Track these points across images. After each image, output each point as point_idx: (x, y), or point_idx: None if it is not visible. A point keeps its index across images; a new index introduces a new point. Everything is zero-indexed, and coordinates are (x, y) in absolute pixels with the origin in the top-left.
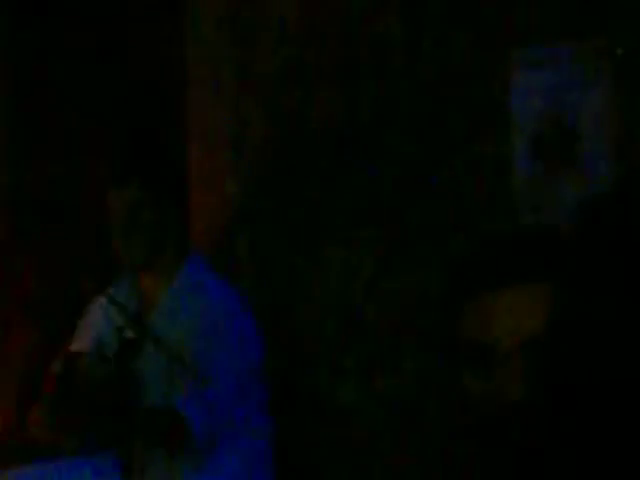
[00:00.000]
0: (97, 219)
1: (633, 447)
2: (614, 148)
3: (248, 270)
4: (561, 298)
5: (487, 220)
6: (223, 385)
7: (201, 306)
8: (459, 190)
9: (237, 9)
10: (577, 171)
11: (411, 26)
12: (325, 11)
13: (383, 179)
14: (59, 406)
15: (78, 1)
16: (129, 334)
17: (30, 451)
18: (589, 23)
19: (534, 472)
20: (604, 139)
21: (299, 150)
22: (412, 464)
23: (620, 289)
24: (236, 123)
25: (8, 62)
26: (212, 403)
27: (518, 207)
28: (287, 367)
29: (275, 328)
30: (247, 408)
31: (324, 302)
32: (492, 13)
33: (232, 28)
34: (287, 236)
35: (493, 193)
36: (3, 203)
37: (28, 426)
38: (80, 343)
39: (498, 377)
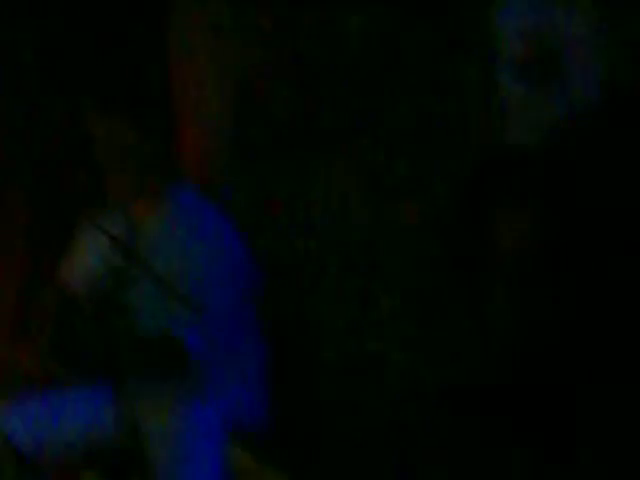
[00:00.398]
0: (88, 149)
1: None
2: (598, 68)
3: (239, 198)
4: (546, 216)
5: (474, 142)
6: (217, 311)
7: (192, 233)
8: (445, 113)
9: None
10: (561, 92)
11: None
12: None
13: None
14: (52, 337)
15: None
16: (118, 263)
17: (24, 383)
18: None
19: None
20: (588, 59)
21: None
22: (414, 379)
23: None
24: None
25: None
26: (207, 329)
27: (504, 128)
28: (279, 291)
29: (268, 254)
30: (242, 333)
31: (323, 230)
32: None
33: None
34: (279, 165)
35: (478, 115)
36: None
37: (20, 358)
38: (70, 271)
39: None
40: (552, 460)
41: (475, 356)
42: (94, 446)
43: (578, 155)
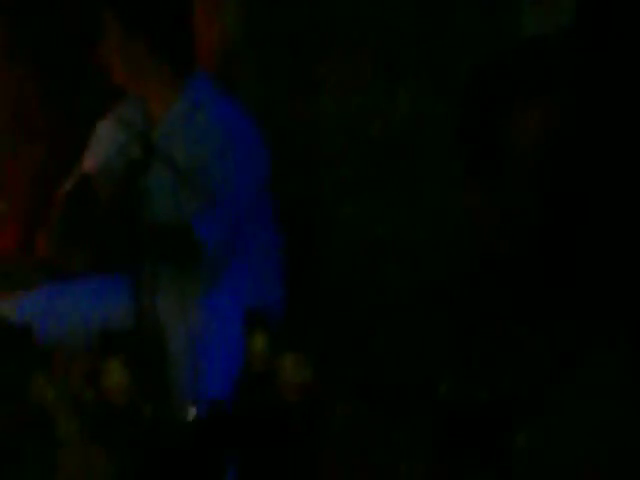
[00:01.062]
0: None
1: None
2: None
3: (253, 92)
4: (566, 107)
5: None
6: (231, 201)
7: (206, 124)
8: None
9: None
10: None
11: None
12: None
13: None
14: (69, 225)
15: None
16: (136, 153)
17: (40, 272)
18: None
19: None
20: None
21: None
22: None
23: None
24: None
25: None
26: (222, 219)
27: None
28: (292, 182)
29: (280, 145)
30: (256, 224)
31: (329, 120)
32: None
33: None
34: (291, 57)
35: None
36: None
37: (38, 247)
38: (89, 162)
39: (508, 180)
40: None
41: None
42: (115, 334)
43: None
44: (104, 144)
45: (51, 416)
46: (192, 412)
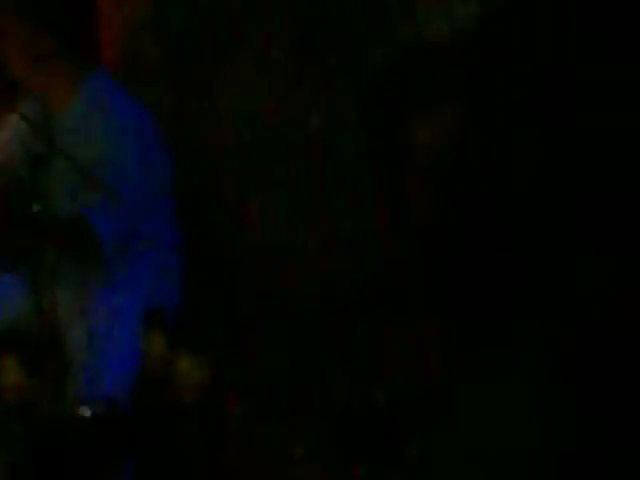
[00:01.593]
0: None
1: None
2: None
3: (158, 79)
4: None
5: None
6: (131, 198)
7: (105, 120)
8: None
9: None
10: None
11: None
12: None
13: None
14: None
15: None
16: (36, 148)
17: None
18: None
19: None
20: None
21: None
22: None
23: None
24: None
25: None
26: (119, 214)
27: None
28: (194, 176)
29: (183, 137)
30: (156, 222)
31: (235, 111)
32: None
33: None
34: (200, 48)
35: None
36: None
37: None
38: None
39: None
40: None
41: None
42: (11, 331)
43: (495, 49)
44: (6, 141)
45: None
46: (88, 411)
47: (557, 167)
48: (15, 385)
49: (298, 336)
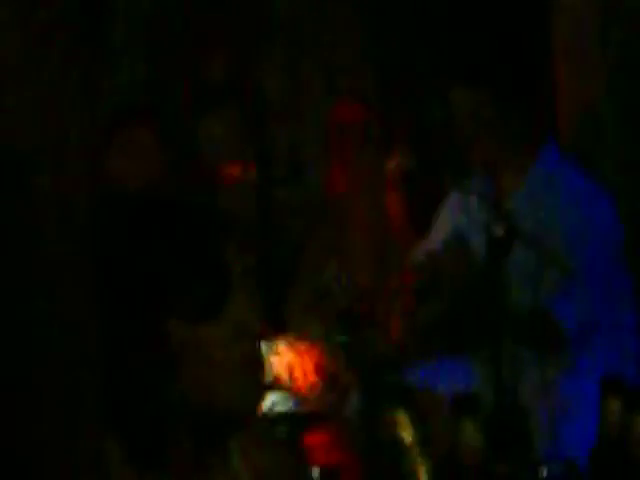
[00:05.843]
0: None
1: None
2: None
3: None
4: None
5: None
6: (590, 280)
7: (557, 199)
8: None
9: None
10: None
11: None
12: None
13: None
14: (429, 313)
15: None
16: (498, 231)
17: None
18: None
19: None
20: None
21: None
22: None
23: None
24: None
25: None
26: (582, 300)
27: None
28: None
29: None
30: (613, 302)
31: None
32: None
33: None
34: None
35: None
36: None
37: (393, 329)
38: (437, 238)
39: None
40: None
41: None
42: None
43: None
44: (454, 218)
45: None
46: (545, 470)
47: None
48: (473, 448)
49: None
